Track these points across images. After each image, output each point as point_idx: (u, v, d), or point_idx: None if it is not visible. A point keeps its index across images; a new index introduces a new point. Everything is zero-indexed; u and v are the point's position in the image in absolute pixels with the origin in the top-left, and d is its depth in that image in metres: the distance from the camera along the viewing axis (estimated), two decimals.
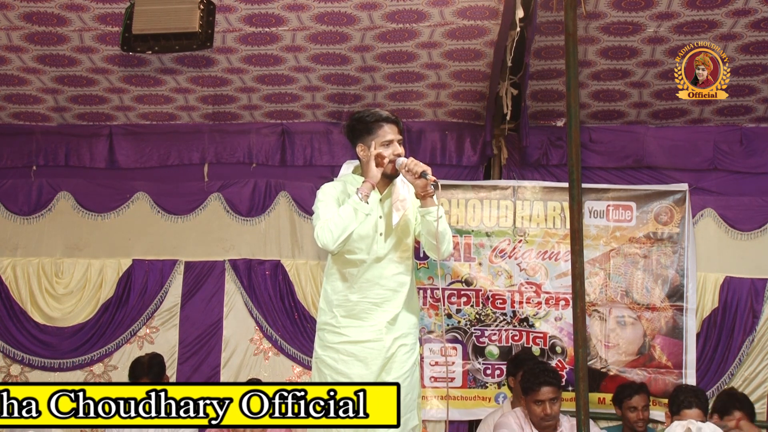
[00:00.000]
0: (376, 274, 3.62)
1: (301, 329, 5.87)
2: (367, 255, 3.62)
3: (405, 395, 3.60)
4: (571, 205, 4.05)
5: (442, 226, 3.55)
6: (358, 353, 3.63)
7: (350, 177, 3.80)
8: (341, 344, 3.66)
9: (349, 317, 3.65)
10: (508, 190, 5.83)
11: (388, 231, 3.63)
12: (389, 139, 3.60)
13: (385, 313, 3.64)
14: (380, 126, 3.61)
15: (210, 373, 5.84)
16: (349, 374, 3.62)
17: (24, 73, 5.45)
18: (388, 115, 3.63)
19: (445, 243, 3.62)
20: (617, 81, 5.50)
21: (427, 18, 4.88)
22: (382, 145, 3.60)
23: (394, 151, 3.60)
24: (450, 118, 5.95)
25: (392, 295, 3.63)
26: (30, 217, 6.05)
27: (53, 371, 5.88)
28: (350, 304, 3.65)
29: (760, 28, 4.92)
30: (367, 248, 3.62)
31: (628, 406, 5.11)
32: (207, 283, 5.95)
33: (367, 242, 3.62)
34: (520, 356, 5.47)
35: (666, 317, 5.71)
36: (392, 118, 3.63)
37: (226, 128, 6.04)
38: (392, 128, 3.62)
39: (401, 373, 3.64)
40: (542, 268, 5.76)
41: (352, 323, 3.65)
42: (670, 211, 5.78)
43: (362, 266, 3.63)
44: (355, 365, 3.63)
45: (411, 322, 3.74)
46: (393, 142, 3.61)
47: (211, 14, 4.45)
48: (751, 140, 5.89)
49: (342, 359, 3.65)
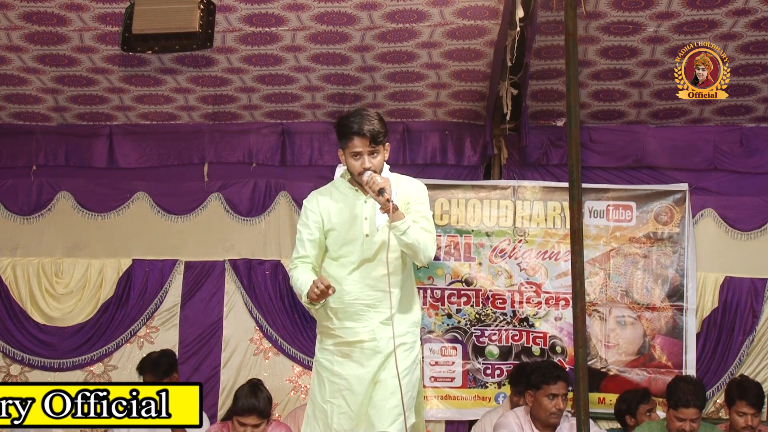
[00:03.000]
0: (366, 275, 3.63)
1: (301, 329, 5.87)
2: (355, 257, 3.64)
3: (405, 392, 3.58)
4: (571, 205, 4.05)
5: (411, 239, 3.53)
6: (353, 354, 3.64)
7: (339, 181, 3.82)
8: (336, 346, 3.67)
9: (344, 319, 3.66)
10: (508, 190, 5.83)
11: (374, 233, 3.63)
12: (357, 151, 3.61)
13: (378, 313, 3.63)
14: (351, 138, 3.61)
15: (210, 373, 5.84)
16: (344, 375, 3.63)
17: (24, 73, 5.45)
18: (358, 129, 3.58)
19: (420, 253, 3.59)
20: (617, 81, 5.50)
21: (427, 18, 4.88)
22: (351, 156, 3.61)
23: (363, 164, 3.60)
24: (450, 118, 5.95)
25: (384, 296, 3.62)
26: (30, 217, 6.04)
27: (53, 371, 5.87)
28: (343, 306, 3.65)
29: (760, 27, 4.92)
30: (355, 250, 3.64)
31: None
32: (207, 283, 5.95)
33: (355, 245, 3.65)
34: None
35: (666, 317, 5.71)
36: (362, 131, 3.57)
37: (226, 128, 6.04)
38: (362, 141, 3.59)
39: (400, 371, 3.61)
40: (542, 268, 5.76)
41: (345, 324, 3.65)
42: (670, 211, 5.78)
43: (351, 268, 3.65)
44: (350, 366, 3.63)
45: (409, 320, 3.73)
46: (362, 155, 3.60)
47: (211, 14, 4.45)
48: (751, 140, 5.89)
49: (337, 360, 3.66)
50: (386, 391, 3.58)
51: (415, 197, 3.70)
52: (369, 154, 3.60)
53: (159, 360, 5.30)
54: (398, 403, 3.55)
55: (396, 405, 3.56)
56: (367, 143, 3.59)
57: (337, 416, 3.61)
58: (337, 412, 3.62)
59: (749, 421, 4.78)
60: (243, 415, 4.72)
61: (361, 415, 3.60)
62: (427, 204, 3.73)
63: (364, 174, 3.59)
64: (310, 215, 3.75)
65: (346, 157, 3.64)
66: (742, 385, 4.92)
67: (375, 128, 3.59)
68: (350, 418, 3.60)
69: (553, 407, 4.70)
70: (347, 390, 3.62)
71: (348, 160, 3.65)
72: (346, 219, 3.69)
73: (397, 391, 3.55)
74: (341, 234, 3.68)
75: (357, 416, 3.59)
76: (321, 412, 3.67)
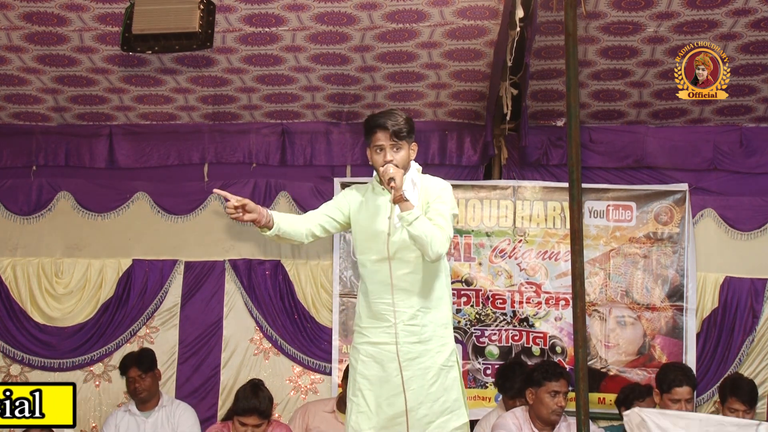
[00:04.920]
0: (387, 274, 3.61)
1: (301, 329, 5.87)
2: (376, 254, 3.63)
3: (436, 399, 3.57)
4: (571, 205, 4.05)
5: (417, 231, 3.50)
6: (376, 355, 3.62)
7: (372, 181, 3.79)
8: (362, 345, 3.66)
9: (370, 318, 3.64)
10: (508, 190, 5.83)
11: (394, 230, 3.63)
12: (380, 145, 3.62)
13: (399, 313, 3.60)
14: (374, 132, 3.63)
15: (210, 373, 5.84)
16: (367, 375, 3.61)
17: (24, 73, 5.45)
18: (381, 122, 3.61)
19: (428, 247, 3.53)
20: (617, 81, 5.50)
21: (427, 18, 4.88)
22: (374, 150, 3.63)
23: (384, 158, 3.61)
24: (450, 118, 5.95)
25: (406, 296, 3.61)
26: (30, 217, 6.05)
27: (53, 371, 5.88)
28: (369, 305, 3.65)
29: (760, 27, 4.92)
30: (376, 248, 3.63)
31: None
32: (207, 283, 5.96)
33: (377, 242, 3.63)
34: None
35: (666, 317, 5.71)
36: (385, 125, 3.60)
37: (226, 128, 6.04)
38: (384, 135, 3.61)
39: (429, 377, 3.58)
40: (542, 268, 5.76)
41: (372, 324, 3.64)
42: (670, 211, 5.78)
43: (372, 266, 3.63)
44: (373, 367, 3.61)
45: (437, 322, 3.66)
46: (384, 149, 3.62)
47: (211, 14, 4.45)
48: (751, 140, 5.89)
49: (362, 360, 3.64)
50: (415, 401, 3.55)
51: (436, 195, 3.65)
52: (391, 149, 3.62)
53: (141, 354, 5.33)
54: (428, 413, 3.55)
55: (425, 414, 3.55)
56: (388, 137, 3.60)
57: (355, 414, 3.59)
58: (355, 411, 3.60)
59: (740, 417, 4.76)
60: (244, 415, 4.72)
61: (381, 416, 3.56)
62: (448, 203, 3.65)
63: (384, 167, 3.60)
64: (340, 199, 3.78)
65: (371, 153, 3.65)
66: (735, 382, 4.92)
67: (398, 123, 3.62)
68: (368, 418, 3.57)
69: (555, 404, 4.70)
70: (368, 390, 3.59)
71: (372, 156, 3.65)
72: (370, 216, 3.68)
73: (426, 401, 3.55)
74: (365, 230, 3.67)
75: (376, 417, 3.56)
76: (348, 407, 3.67)
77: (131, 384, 5.24)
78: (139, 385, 5.20)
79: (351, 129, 6.00)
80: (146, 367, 5.23)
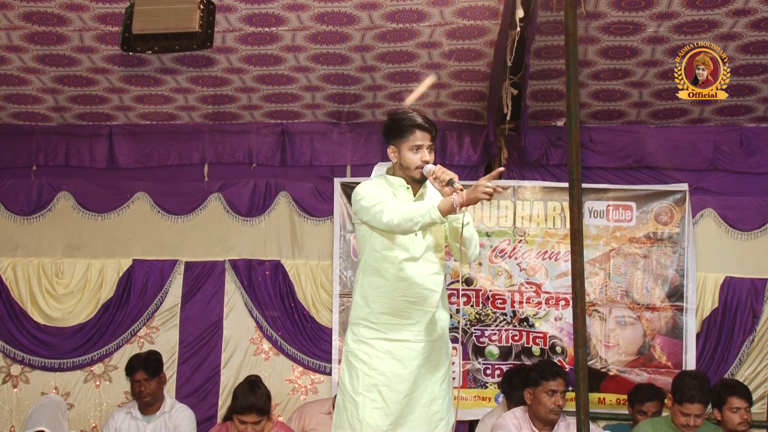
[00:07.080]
0: (414, 273, 3.62)
1: (301, 329, 5.87)
2: (404, 253, 3.63)
3: (445, 395, 3.65)
4: (571, 205, 4.05)
5: (468, 233, 3.58)
6: (396, 351, 3.61)
7: (388, 179, 3.76)
8: (376, 340, 3.63)
9: (387, 314, 3.63)
10: (508, 190, 5.83)
11: (424, 232, 3.64)
12: (418, 144, 3.63)
13: (422, 312, 3.63)
14: (412, 131, 3.63)
15: (210, 373, 5.85)
16: (383, 371, 3.60)
17: (24, 73, 5.45)
18: (422, 123, 3.64)
19: (471, 248, 3.65)
20: (617, 81, 5.50)
21: (427, 18, 4.88)
22: (411, 149, 3.62)
23: (422, 157, 3.63)
24: (450, 118, 5.95)
25: (430, 294, 3.63)
26: (30, 217, 6.05)
27: (53, 371, 5.88)
28: (389, 301, 3.63)
29: (760, 28, 4.92)
30: (404, 247, 3.62)
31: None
32: (207, 283, 5.96)
33: (406, 241, 3.63)
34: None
35: (666, 317, 5.71)
36: (426, 125, 3.64)
37: (226, 128, 6.04)
38: (424, 135, 3.63)
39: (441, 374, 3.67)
40: (542, 268, 5.76)
41: (390, 320, 3.63)
42: (670, 211, 5.78)
43: (399, 264, 3.62)
44: (391, 363, 3.60)
45: (445, 320, 3.75)
46: (422, 148, 3.63)
47: (211, 14, 4.45)
48: (751, 140, 5.89)
49: (377, 355, 3.62)
50: (429, 397, 3.62)
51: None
52: (428, 149, 3.64)
53: (148, 358, 5.30)
54: (439, 409, 3.63)
55: (437, 411, 3.63)
56: (428, 137, 3.64)
57: (369, 410, 3.57)
58: (370, 407, 3.57)
59: (744, 416, 4.76)
60: (242, 413, 4.73)
61: (397, 413, 3.57)
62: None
63: (425, 167, 3.60)
64: (388, 194, 3.66)
65: (403, 151, 3.64)
66: (728, 383, 4.94)
67: (433, 125, 3.67)
68: (386, 415, 3.56)
69: (553, 403, 4.70)
70: (385, 386, 3.58)
71: (405, 154, 3.64)
72: None
73: (438, 396, 3.63)
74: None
75: (393, 414, 3.56)
76: (351, 403, 3.61)
77: (136, 386, 5.22)
78: (144, 389, 5.18)
79: (351, 129, 6.00)
80: (153, 371, 5.20)
